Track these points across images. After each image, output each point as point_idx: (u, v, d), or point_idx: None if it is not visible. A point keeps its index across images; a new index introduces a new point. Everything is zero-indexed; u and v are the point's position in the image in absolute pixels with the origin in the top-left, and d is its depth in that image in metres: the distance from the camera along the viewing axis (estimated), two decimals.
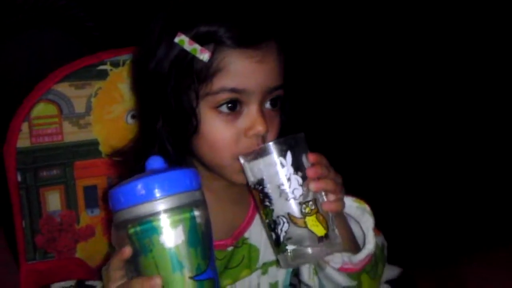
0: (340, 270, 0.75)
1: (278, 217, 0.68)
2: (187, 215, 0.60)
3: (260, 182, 0.69)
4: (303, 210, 0.67)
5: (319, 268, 0.77)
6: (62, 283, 0.87)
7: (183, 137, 0.74)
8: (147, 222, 0.59)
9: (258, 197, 0.70)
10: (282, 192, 0.68)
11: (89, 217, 0.93)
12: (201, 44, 0.70)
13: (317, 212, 0.68)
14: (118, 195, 0.61)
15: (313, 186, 0.68)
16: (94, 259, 0.94)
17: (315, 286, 0.82)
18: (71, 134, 0.91)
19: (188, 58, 0.71)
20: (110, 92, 0.92)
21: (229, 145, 0.72)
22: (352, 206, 0.78)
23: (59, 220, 0.92)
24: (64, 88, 0.90)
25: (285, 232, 0.67)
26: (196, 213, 0.61)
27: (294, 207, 0.67)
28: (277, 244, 0.69)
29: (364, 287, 0.77)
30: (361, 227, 0.77)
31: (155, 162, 0.65)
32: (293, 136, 0.70)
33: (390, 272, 0.83)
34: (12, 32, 1.42)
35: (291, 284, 0.85)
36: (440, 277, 1.75)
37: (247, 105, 0.73)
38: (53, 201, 0.91)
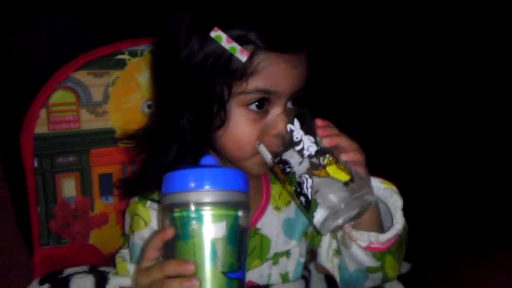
0: (366, 249, 0.75)
1: (300, 176, 0.68)
2: (232, 212, 0.63)
3: (277, 154, 0.71)
4: (322, 162, 0.69)
5: (344, 246, 0.78)
6: (75, 268, 0.88)
7: (208, 131, 0.75)
8: (195, 210, 0.62)
9: (279, 170, 0.71)
10: (298, 153, 0.69)
11: (104, 205, 0.94)
12: (240, 44, 0.71)
13: (337, 162, 0.69)
14: (172, 179, 0.64)
15: (326, 141, 0.70)
16: (107, 246, 0.95)
17: (333, 268, 0.83)
18: (88, 122, 0.92)
19: (226, 55, 0.71)
20: (127, 82, 0.93)
21: (253, 142, 0.74)
22: (380, 187, 0.78)
23: (74, 206, 0.93)
24: (82, 76, 0.91)
25: (311, 187, 0.68)
26: (240, 214, 0.63)
27: (312, 161, 0.69)
28: (308, 205, 0.68)
29: (386, 268, 0.77)
30: (388, 209, 0.77)
31: (209, 160, 0.68)
32: (299, 109, 0.73)
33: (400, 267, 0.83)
34: (29, 20, 1.43)
35: (302, 276, 0.86)
36: (443, 276, 1.75)
37: (274, 105, 0.74)
38: (69, 187, 0.92)
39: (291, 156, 0.70)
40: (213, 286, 0.61)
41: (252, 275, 0.82)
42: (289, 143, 0.70)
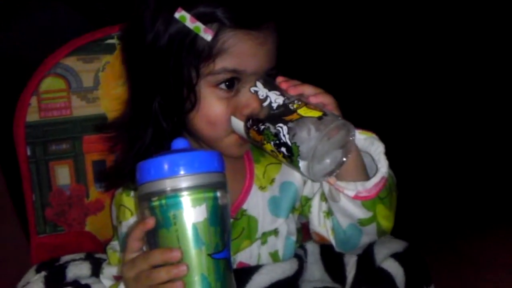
0: (354, 198, 0.75)
1: (275, 128, 0.69)
2: (211, 194, 0.63)
3: (248, 118, 0.72)
4: (292, 107, 0.69)
5: (333, 201, 0.77)
6: (72, 256, 0.88)
7: (180, 114, 0.75)
8: (173, 197, 0.62)
9: (254, 133, 0.71)
10: (267, 108, 0.70)
11: (98, 192, 0.94)
12: (204, 23, 0.70)
13: (306, 104, 0.70)
14: (146, 168, 0.63)
15: (292, 90, 0.72)
16: (104, 233, 0.95)
17: (327, 231, 0.83)
18: (80, 108, 0.91)
19: (191, 36, 0.71)
20: (118, 67, 0.91)
21: (226, 121, 0.74)
22: (360, 138, 0.78)
23: (68, 194, 0.93)
24: (72, 62, 0.90)
25: (287, 133, 0.68)
26: (219, 194, 0.63)
27: (284, 109, 0.69)
28: (290, 152, 0.68)
29: (379, 218, 0.77)
30: (372, 158, 0.77)
31: (180, 142, 0.67)
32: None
33: (396, 246, 0.82)
34: (22, 8, 1.42)
35: (296, 255, 0.85)
36: (445, 251, 1.76)
37: (244, 84, 0.74)
38: (63, 175, 0.92)
39: (261, 114, 0.70)
40: (201, 270, 0.61)
41: (242, 256, 0.82)
42: (256, 101, 0.71)
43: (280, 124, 0.68)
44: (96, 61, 0.91)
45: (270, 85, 0.73)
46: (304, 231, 0.90)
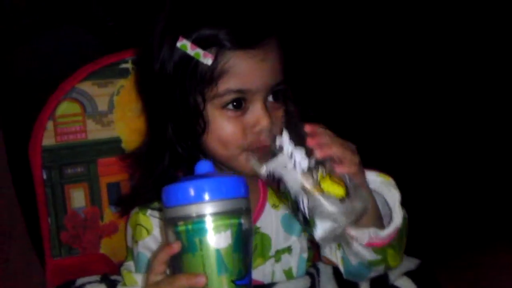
0: (367, 245, 0.75)
1: (296, 196, 0.67)
2: (236, 221, 0.63)
3: (269, 171, 0.70)
4: (315, 177, 0.67)
5: (345, 245, 0.78)
6: (88, 278, 0.88)
7: (192, 138, 0.76)
8: (199, 222, 0.62)
9: (276, 187, 0.71)
10: (290, 170, 0.68)
11: (113, 214, 0.95)
12: (204, 48, 0.72)
13: (331, 174, 0.67)
14: (173, 192, 0.64)
15: (318, 153, 0.68)
16: (118, 255, 0.95)
17: (337, 259, 0.83)
18: (95, 132, 0.92)
19: (192, 62, 0.73)
20: (132, 90, 0.93)
21: (237, 139, 0.75)
22: (376, 180, 0.78)
23: (83, 216, 0.93)
24: (87, 86, 0.91)
25: (307, 207, 0.67)
26: (243, 220, 0.64)
27: (305, 178, 0.67)
28: (307, 223, 0.68)
29: (388, 260, 0.77)
30: (386, 202, 0.77)
31: (204, 166, 0.67)
32: (287, 118, 0.72)
33: (409, 263, 0.82)
34: (35, 30, 1.44)
35: (308, 273, 0.85)
36: (458, 266, 1.74)
37: (252, 102, 0.75)
38: (78, 198, 0.93)
39: (283, 173, 0.68)
40: None
41: (255, 274, 0.81)
42: (280, 161, 0.68)
43: (302, 195, 0.67)
44: (110, 86, 0.93)
45: (296, 137, 0.69)
46: (314, 249, 0.90)
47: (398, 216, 0.75)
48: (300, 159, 0.68)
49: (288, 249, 0.84)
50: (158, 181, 0.71)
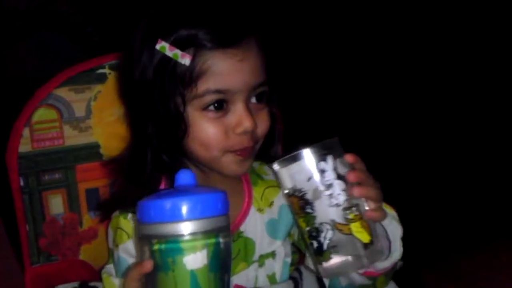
0: (363, 274, 0.75)
1: (321, 224, 0.65)
2: (213, 240, 0.61)
3: (300, 189, 0.66)
4: (347, 216, 0.65)
5: None
6: (66, 285, 0.88)
7: (174, 141, 0.76)
8: (173, 242, 0.60)
9: (297, 204, 0.67)
10: (325, 198, 0.65)
11: (92, 220, 0.94)
12: (182, 49, 0.72)
13: (361, 218, 0.66)
14: (148, 208, 0.62)
15: (356, 191, 0.67)
16: (98, 261, 0.95)
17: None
18: (72, 137, 0.92)
19: (171, 63, 0.73)
20: (109, 95, 0.93)
21: (219, 141, 0.75)
22: None
23: (62, 223, 0.93)
24: (64, 92, 0.91)
25: (329, 239, 0.65)
26: (221, 239, 0.61)
27: (338, 213, 0.65)
28: (319, 253, 0.66)
29: (378, 285, 0.78)
30: (386, 233, 0.75)
31: (185, 176, 0.65)
32: (329, 140, 0.68)
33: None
34: (12, 37, 1.43)
35: (291, 277, 0.86)
36: (456, 266, 1.75)
37: (233, 103, 0.74)
38: (56, 204, 0.92)
39: (315, 198, 0.66)
40: None
41: (238, 279, 0.82)
42: (317, 185, 0.66)
43: (328, 227, 0.66)
44: (87, 91, 0.92)
45: (338, 169, 0.67)
46: (299, 254, 0.90)
47: (397, 251, 0.75)
48: (339, 192, 0.66)
49: (272, 254, 0.84)
50: (141, 186, 0.71)
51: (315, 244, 0.67)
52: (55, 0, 1.51)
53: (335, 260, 0.66)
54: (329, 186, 0.66)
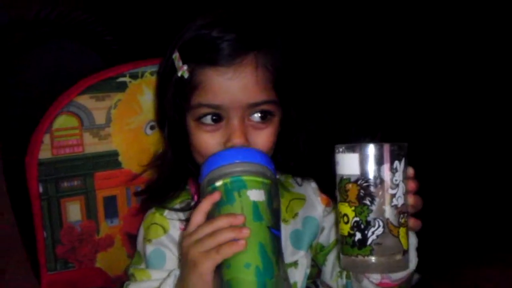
0: (378, 285, 0.76)
1: (375, 219, 0.66)
2: (268, 182, 0.70)
3: (367, 179, 0.66)
4: (400, 220, 0.66)
5: (355, 279, 0.78)
6: None
7: (178, 146, 0.82)
8: (238, 176, 0.69)
9: (355, 192, 0.67)
10: (388, 196, 0.66)
11: (109, 227, 0.94)
12: (186, 61, 0.77)
13: (407, 225, 0.67)
14: (218, 156, 0.72)
15: (412, 199, 0.69)
16: (114, 269, 0.95)
17: (338, 286, 0.84)
18: (92, 145, 0.92)
19: (176, 74, 0.78)
20: (129, 104, 0.93)
21: (212, 152, 0.76)
22: None
23: (79, 230, 0.93)
24: (84, 100, 0.91)
25: (377, 236, 0.66)
26: (273, 188, 0.71)
27: (394, 214, 0.66)
28: (360, 245, 0.66)
29: None
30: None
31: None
32: (403, 144, 0.68)
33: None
34: (33, 45, 1.45)
35: (306, 287, 0.85)
36: (454, 277, 1.74)
37: (229, 118, 0.77)
38: (74, 211, 0.92)
39: (379, 192, 0.66)
40: (259, 238, 0.66)
41: None
42: (386, 181, 0.66)
43: (381, 223, 0.66)
44: (108, 99, 0.93)
45: (405, 172, 0.68)
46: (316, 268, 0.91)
47: (413, 261, 0.75)
48: (400, 194, 0.67)
49: (295, 264, 0.84)
50: (169, 182, 0.80)
51: (358, 235, 0.66)
52: (75, 9, 1.53)
53: (373, 257, 0.66)
54: (395, 186, 0.67)
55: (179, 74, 0.77)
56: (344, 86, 2.09)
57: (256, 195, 0.68)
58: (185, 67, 0.76)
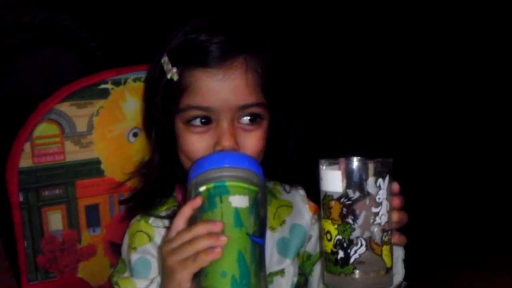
0: None
1: (357, 238, 0.65)
2: (254, 188, 0.69)
3: (350, 197, 0.65)
4: (384, 238, 0.66)
5: None
6: None
7: (165, 150, 0.81)
8: (222, 182, 0.68)
9: (338, 210, 0.66)
10: (370, 215, 0.65)
11: (91, 236, 0.93)
12: (174, 64, 0.77)
13: (390, 243, 0.67)
14: (204, 160, 0.71)
15: (396, 216, 0.68)
16: (96, 278, 0.93)
17: None
18: (73, 153, 0.91)
19: (165, 77, 0.78)
20: (111, 111, 0.92)
21: (200, 155, 0.76)
22: None
23: (61, 239, 0.91)
24: (65, 107, 0.90)
25: (359, 255, 0.65)
26: (259, 195, 0.69)
27: (377, 233, 0.65)
28: (343, 264, 0.65)
29: None
30: None
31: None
32: (387, 160, 0.67)
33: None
34: (16, 51, 1.43)
35: None
36: (442, 282, 1.74)
37: (218, 121, 0.76)
38: (55, 220, 0.91)
39: (362, 211, 0.65)
40: (239, 246, 0.65)
41: None
42: (369, 199, 0.65)
43: (363, 242, 0.65)
44: (89, 106, 0.91)
45: (389, 190, 0.67)
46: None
47: (399, 273, 0.76)
48: (384, 212, 0.66)
49: (281, 272, 0.83)
50: (155, 188, 0.79)
51: (341, 253, 0.66)
52: (59, 15, 1.52)
53: (356, 276, 0.65)
54: (379, 204, 0.66)
55: (168, 76, 0.76)
56: (331, 94, 2.09)
57: (238, 201, 0.66)
58: (174, 70, 0.76)
